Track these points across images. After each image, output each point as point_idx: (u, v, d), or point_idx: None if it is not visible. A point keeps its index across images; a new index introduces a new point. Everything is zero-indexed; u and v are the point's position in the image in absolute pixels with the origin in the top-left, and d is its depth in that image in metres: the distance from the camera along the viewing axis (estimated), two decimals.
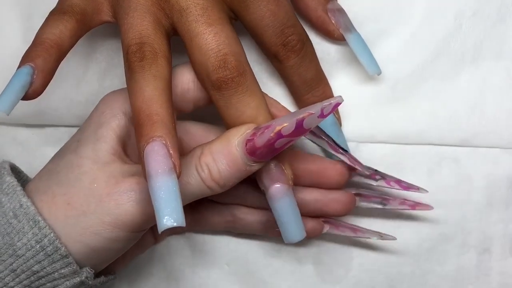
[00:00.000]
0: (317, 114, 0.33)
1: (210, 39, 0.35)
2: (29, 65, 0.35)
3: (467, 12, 0.43)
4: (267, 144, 0.34)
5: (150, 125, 0.33)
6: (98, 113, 0.38)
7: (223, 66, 0.35)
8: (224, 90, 0.35)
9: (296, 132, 0.34)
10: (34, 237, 0.35)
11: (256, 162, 0.35)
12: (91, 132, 0.37)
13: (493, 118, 0.43)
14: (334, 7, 0.42)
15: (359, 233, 0.42)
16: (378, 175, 0.41)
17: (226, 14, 0.37)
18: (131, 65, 0.35)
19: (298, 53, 0.39)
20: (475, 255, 0.44)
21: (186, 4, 0.36)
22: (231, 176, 0.35)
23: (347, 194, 0.41)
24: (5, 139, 0.45)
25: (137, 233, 0.37)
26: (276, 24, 0.38)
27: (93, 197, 0.35)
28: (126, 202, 0.35)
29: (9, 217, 0.35)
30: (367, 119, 0.43)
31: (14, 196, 0.36)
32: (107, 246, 0.36)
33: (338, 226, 0.42)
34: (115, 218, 0.35)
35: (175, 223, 0.30)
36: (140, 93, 0.34)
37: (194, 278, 0.45)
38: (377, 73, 0.41)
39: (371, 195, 0.41)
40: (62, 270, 0.36)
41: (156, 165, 0.32)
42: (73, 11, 0.37)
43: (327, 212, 0.40)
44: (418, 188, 0.41)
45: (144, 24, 0.35)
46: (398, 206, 0.41)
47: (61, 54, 0.36)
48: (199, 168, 0.35)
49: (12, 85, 0.34)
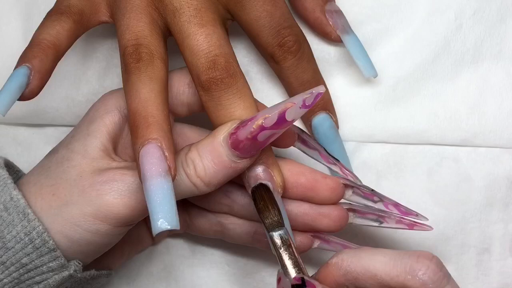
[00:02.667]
0: (299, 105, 0.33)
1: (202, 40, 0.35)
2: (25, 65, 0.35)
3: (467, 12, 0.43)
4: (250, 137, 0.34)
5: (146, 127, 0.33)
6: (93, 110, 0.38)
7: (213, 67, 0.35)
8: (214, 91, 0.35)
9: (278, 124, 0.33)
10: (23, 229, 0.35)
11: (241, 158, 0.34)
12: (84, 127, 0.37)
13: (493, 118, 0.43)
14: (332, 8, 0.42)
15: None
16: (376, 197, 0.39)
17: (219, 15, 0.37)
18: (127, 67, 0.35)
19: (295, 54, 0.39)
20: (475, 255, 0.44)
21: (179, 5, 0.36)
22: (216, 173, 0.35)
23: (338, 209, 0.38)
24: (5, 139, 0.45)
25: (120, 228, 0.36)
26: (272, 24, 0.38)
27: (77, 188, 0.35)
28: (108, 192, 0.35)
29: (0, 209, 0.35)
30: (368, 119, 0.43)
31: (5, 189, 0.36)
32: (89, 239, 0.35)
33: (329, 242, 0.40)
34: (96, 209, 0.35)
35: (169, 226, 0.30)
36: (136, 95, 0.34)
37: (194, 278, 0.45)
38: (373, 76, 0.41)
39: (366, 212, 0.39)
40: (50, 264, 0.35)
41: (151, 167, 0.32)
42: (70, 12, 0.37)
43: (316, 227, 0.38)
44: (417, 214, 0.39)
45: (140, 25, 0.35)
46: (394, 225, 0.39)
47: (58, 54, 0.36)
48: (184, 164, 0.35)
49: (8, 86, 0.34)
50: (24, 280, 0.36)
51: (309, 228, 0.39)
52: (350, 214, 0.39)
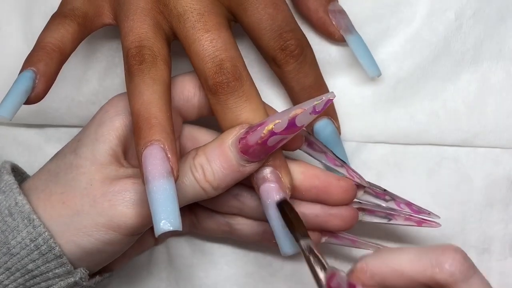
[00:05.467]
0: (309, 111, 0.33)
1: (207, 45, 0.35)
2: (31, 69, 0.35)
3: (468, 12, 0.43)
4: (260, 142, 0.34)
5: (149, 128, 0.33)
6: (101, 112, 0.38)
7: (219, 71, 0.35)
8: (221, 94, 0.35)
9: (288, 130, 0.34)
10: (29, 235, 0.35)
11: (250, 162, 0.35)
12: (92, 131, 0.37)
13: (493, 118, 0.43)
14: (335, 8, 0.42)
15: (358, 244, 0.41)
16: (388, 196, 0.39)
17: (224, 18, 0.37)
18: (130, 68, 0.35)
19: (297, 58, 0.39)
20: (475, 255, 0.44)
21: (183, 10, 0.36)
22: (225, 177, 0.35)
23: (349, 209, 0.39)
24: (6, 139, 0.45)
25: (132, 236, 0.36)
26: (274, 27, 0.38)
27: (88, 197, 0.35)
28: (121, 203, 0.35)
29: (4, 215, 0.35)
30: (368, 119, 0.43)
31: (10, 194, 0.36)
32: (101, 248, 0.36)
33: (337, 237, 0.41)
34: (109, 220, 0.35)
35: (171, 227, 0.30)
36: (139, 97, 0.34)
37: (194, 278, 0.45)
38: (377, 75, 0.41)
39: (375, 210, 0.40)
40: (56, 270, 0.35)
41: (154, 168, 0.32)
42: (74, 15, 0.37)
43: (327, 228, 0.39)
44: (429, 213, 0.39)
45: (144, 27, 0.36)
46: (403, 222, 0.40)
47: (63, 58, 0.36)
48: (193, 168, 0.35)
49: (14, 90, 0.34)
50: (29, 286, 0.36)
51: (319, 228, 0.39)
52: (359, 212, 0.39)
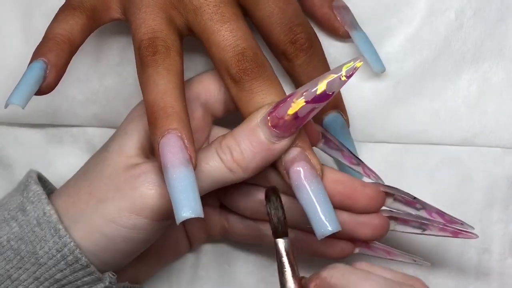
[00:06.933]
0: (339, 77, 0.33)
1: (227, 35, 0.35)
2: (41, 59, 0.35)
3: (468, 12, 0.43)
4: (290, 114, 0.33)
5: (165, 117, 0.32)
6: (133, 110, 0.38)
7: (242, 59, 0.35)
8: (245, 81, 0.35)
9: (319, 98, 0.33)
10: (55, 245, 0.35)
11: (280, 138, 0.34)
12: (123, 127, 0.38)
13: (493, 118, 0.43)
14: (339, 4, 0.42)
15: (393, 255, 0.40)
16: (419, 204, 0.38)
17: (239, 8, 0.37)
18: (143, 59, 0.34)
19: (307, 51, 0.39)
20: (475, 255, 0.44)
21: (199, 3, 0.36)
22: (254, 156, 0.34)
23: (378, 217, 0.37)
24: (6, 139, 0.45)
25: (157, 222, 0.35)
26: (284, 21, 0.38)
27: (112, 185, 0.35)
28: (142, 184, 0.35)
29: (33, 225, 0.35)
30: (368, 118, 0.43)
31: (38, 204, 0.36)
32: (125, 235, 0.35)
33: (370, 247, 0.39)
34: (131, 203, 0.35)
35: (193, 214, 0.30)
36: (154, 86, 0.33)
37: (194, 278, 0.45)
38: (382, 70, 0.41)
39: (409, 219, 0.38)
40: (84, 279, 0.35)
41: (172, 157, 0.31)
42: (83, 7, 0.37)
43: (356, 236, 0.38)
44: (462, 223, 0.38)
45: (157, 19, 0.35)
46: (438, 233, 0.38)
47: (72, 49, 0.36)
48: (219, 150, 0.34)
49: (25, 79, 0.34)
50: None
51: (348, 237, 0.38)
52: (391, 221, 0.38)
